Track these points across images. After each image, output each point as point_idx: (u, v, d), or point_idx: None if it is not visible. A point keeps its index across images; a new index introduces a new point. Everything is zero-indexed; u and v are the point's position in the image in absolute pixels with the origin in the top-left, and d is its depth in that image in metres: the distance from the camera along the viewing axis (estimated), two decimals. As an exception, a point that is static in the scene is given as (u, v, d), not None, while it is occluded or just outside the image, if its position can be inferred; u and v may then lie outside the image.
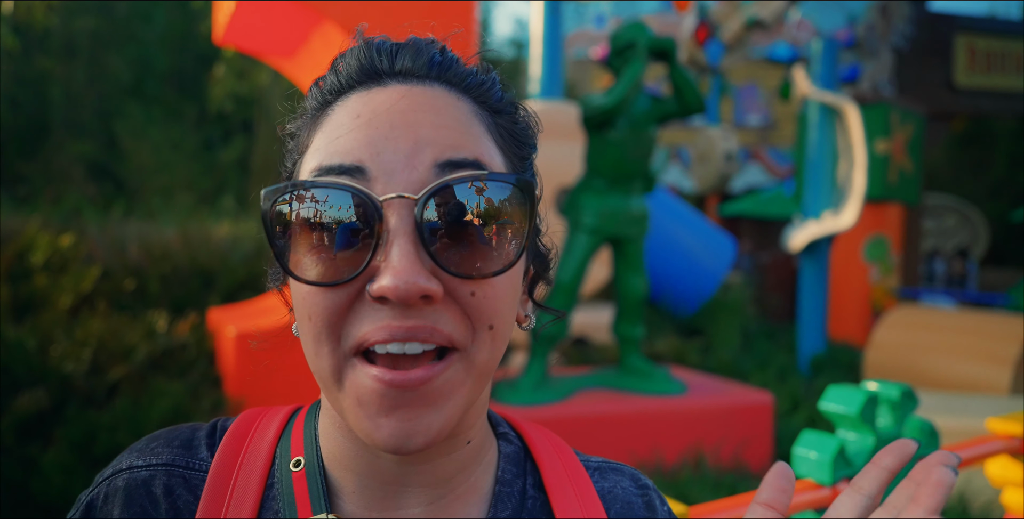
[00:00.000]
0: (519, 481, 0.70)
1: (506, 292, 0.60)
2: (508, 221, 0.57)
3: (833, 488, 1.28)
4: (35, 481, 3.36)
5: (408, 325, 0.54)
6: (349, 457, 0.64)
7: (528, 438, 0.75)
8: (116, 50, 15.76)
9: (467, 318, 0.57)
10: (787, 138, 13.00)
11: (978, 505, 3.71)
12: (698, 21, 10.86)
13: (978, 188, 17.77)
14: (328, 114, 0.62)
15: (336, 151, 0.58)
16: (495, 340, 0.59)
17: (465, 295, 0.56)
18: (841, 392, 1.39)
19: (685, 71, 4.52)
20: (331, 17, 3.64)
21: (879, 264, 10.02)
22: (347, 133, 0.58)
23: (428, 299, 0.54)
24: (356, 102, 0.61)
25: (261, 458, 0.67)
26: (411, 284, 0.52)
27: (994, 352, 5.65)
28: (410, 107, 0.59)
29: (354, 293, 0.55)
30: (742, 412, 4.52)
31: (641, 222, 4.57)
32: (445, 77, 0.63)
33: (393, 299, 0.53)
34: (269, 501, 0.64)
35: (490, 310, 0.58)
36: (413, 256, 0.54)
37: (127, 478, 0.65)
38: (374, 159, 0.56)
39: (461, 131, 0.59)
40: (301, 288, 0.57)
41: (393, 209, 0.55)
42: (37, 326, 4.33)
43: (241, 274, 6.20)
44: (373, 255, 0.54)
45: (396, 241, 0.54)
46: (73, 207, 8.80)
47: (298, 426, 0.70)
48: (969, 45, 12.04)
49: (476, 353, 0.58)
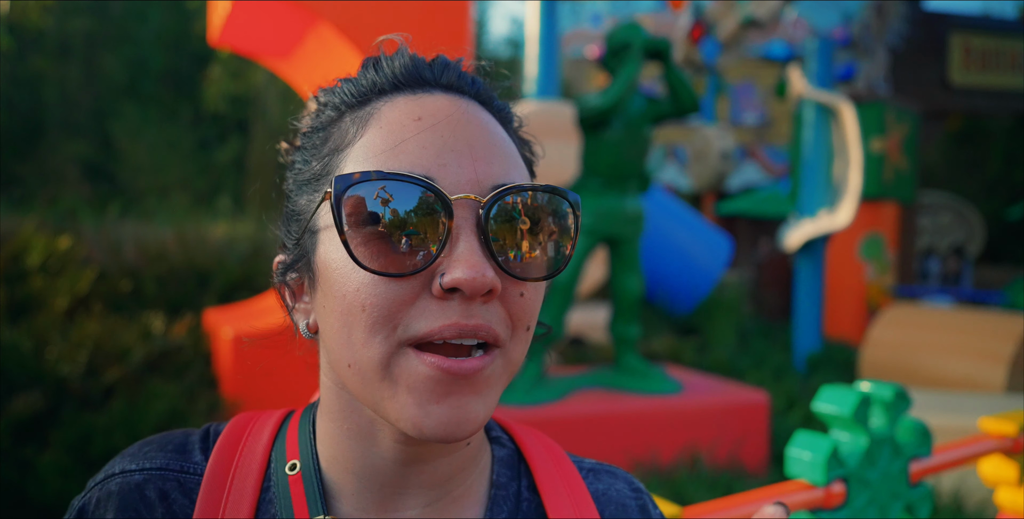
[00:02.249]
0: (514, 484, 0.72)
1: (541, 297, 0.64)
2: (559, 231, 0.62)
3: (826, 489, 1.28)
4: (31, 483, 3.35)
5: (473, 324, 0.57)
6: (350, 459, 0.65)
7: (520, 441, 0.76)
8: (111, 50, 15.72)
9: (509, 318, 0.60)
10: (783, 136, 13.02)
11: (972, 504, 3.73)
12: (693, 20, 10.86)
13: (973, 186, 17.80)
14: (375, 112, 0.63)
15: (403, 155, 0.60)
16: (527, 341, 0.63)
17: (515, 295, 0.60)
18: (834, 393, 1.39)
19: (680, 71, 4.53)
20: (326, 18, 3.63)
21: (875, 262, 10.04)
22: (412, 137, 0.60)
23: (490, 295, 0.57)
24: (408, 104, 0.63)
25: (256, 461, 0.67)
26: (483, 276, 0.55)
27: (989, 350, 5.67)
28: (464, 118, 0.62)
29: (416, 287, 0.57)
30: (738, 411, 4.52)
31: (637, 222, 4.58)
32: (478, 95, 0.67)
33: (466, 291, 0.55)
34: (265, 504, 0.65)
35: (531, 312, 0.62)
36: (480, 252, 0.57)
37: (120, 482, 0.65)
38: (442, 171, 0.59)
39: (508, 151, 0.64)
40: (354, 279, 0.58)
41: (460, 209, 0.58)
42: (33, 328, 4.32)
43: (237, 275, 6.19)
44: (442, 250, 0.57)
45: (463, 238, 0.57)
46: (69, 208, 8.77)
47: (292, 429, 0.71)
48: (964, 44, 12.07)
49: (512, 352, 0.61)
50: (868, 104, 9.19)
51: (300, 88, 4.87)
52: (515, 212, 0.59)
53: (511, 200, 0.59)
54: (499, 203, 0.58)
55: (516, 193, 0.59)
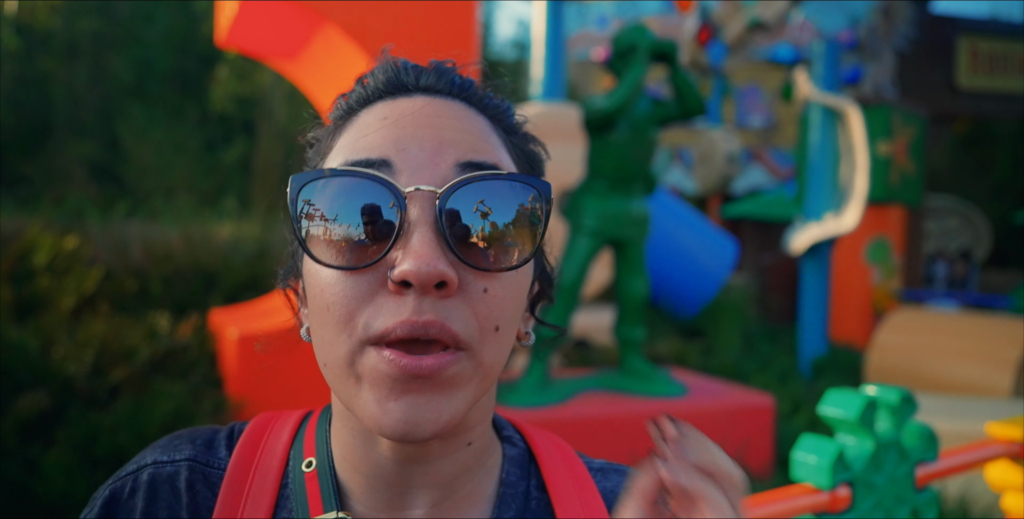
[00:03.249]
0: (523, 483, 0.72)
1: (515, 296, 0.61)
2: (525, 221, 0.59)
3: (832, 493, 1.28)
4: (36, 482, 3.36)
5: (424, 320, 0.55)
6: (357, 458, 0.66)
7: (532, 441, 0.76)
8: (118, 51, 15.78)
9: (475, 318, 0.58)
10: (789, 139, 12.99)
11: (978, 509, 3.71)
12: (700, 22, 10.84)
13: (980, 190, 17.73)
14: (353, 120, 0.65)
15: (362, 147, 0.60)
16: (500, 343, 0.60)
17: (478, 291, 0.58)
18: (840, 396, 1.39)
19: (686, 74, 4.52)
20: (333, 19, 3.64)
21: (881, 266, 10.01)
22: (374, 132, 0.61)
23: (444, 287, 0.55)
24: (382, 107, 0.64)
25: (276, 459, 0.69)
26: (432, 267, 0.53)
27: (995, 355, 5.65)
28: (434, 112, 0.62)
29: (374, 282, 0.57)
30: (743, 414, 4.51)
31: (642, 224, 4.58)
32: (464, 95, 0.67)
33: (414, 282, 0.54)
34: (284, 500, 0.67)
35: (498, 311, 0.59)
36: (434, 243, 0.55)
37: (152, 472, 0.67)
38: (400, 155, 0.59)
39: (482, 138, 0.63)
40: (320, 278, 0.58)
41: (416, 201, 0.57)
42: (39, 327, 4.33)
43: (243, 275, 6.20)
44: (394, 243, 0.56)
45: (417, 230, 0.56)
46: (75, 208, 8.80)
47: (310, 429, 0.72)
48: (971, 47, 12.03)
49: (482, 353, 0.59)
50: (875, 107, 9.16)
51: (307, 89, 4.88)
52: (476, 201, 0.57)
53: (473, 189, 0.57)
54: (458, 192, 0.57)
55: (479, 180, 0.57)
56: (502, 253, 0.58)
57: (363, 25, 3.61)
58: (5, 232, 5.71)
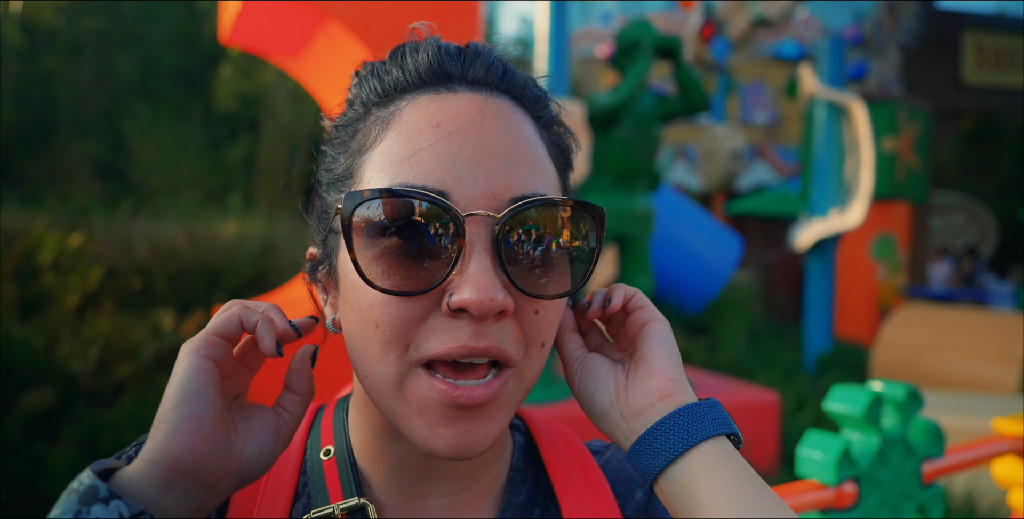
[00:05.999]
0: (532, 468, 0.74)
1: (559, 313, 0.63)
2: (579, 247, 0.60)
3: (838, 489, 1.27)
4: (42, 479, 3.37)
5: (482, 346, 0.55)
6: (377, 449, 0.67)
7: (531, 423, 0.80)
8: (123, 49, 15.80)
9: (524, 337, 0.59)
10: (794, 136, 12.94)
11: (984, 506, 3.69)
12: (704, 19, 10.82)
13: (986, 186, 17.65)
14: (396, 114, 0.62)
15: (418, 167, 0.58)
16: (542, 357, 0.62)
17: (529, 313, 0.59)
18: (846, 392, 1.38)
19: (690, 70, 4.51)
20: (336, 16, 3.63)
21: (886, 262, 9.98)
22: (428, 145, 0.58)
23: (502, 315, 0.56)
24: (429, 106, 0.61)
25: (294, 449, 0.70)
26: (492, 299, 0.53)
27: (1002, 351, 5.63)
28: (488, 125, 0.60)
29: (428, 305, 0.56)
30: (748, 411, 4.50)
31: (646, 221, 4.57)
32: (509, 89, 0.65)
33: (474, 313, 0.54)
34: (303, 487, 0.68)
35: (545, 329, 0.60)
36: (492, 271, 0.55)
37: None
38: (456, 184, 0.57)
39: (531, 153, 0.61)
40: (369, 295, 0.58)
41: (473, 225, 0.56)
42: (44, 325, 4.35)
43: (247, 273, 6.21)
44: (452, 269, 0.55)
45: (475, 256, 0.55)
46: (80, 206, 8.82)
47: (326, 419, 0.73)
48: (977, 42, 11.97)
49: (526, 369, 0.60)
50: (880, 103, 9.12)
51: (310, 87, 4.88)
52: (533, 227, 0.57)
53: (530, 216, 0.57)
54: (515, 218, 0.56)
55: (536, 206, 0.57)
56: (555, 278, 0.59)
57: (366, 22, 3.60)
58: (10, 230, 5.72)
